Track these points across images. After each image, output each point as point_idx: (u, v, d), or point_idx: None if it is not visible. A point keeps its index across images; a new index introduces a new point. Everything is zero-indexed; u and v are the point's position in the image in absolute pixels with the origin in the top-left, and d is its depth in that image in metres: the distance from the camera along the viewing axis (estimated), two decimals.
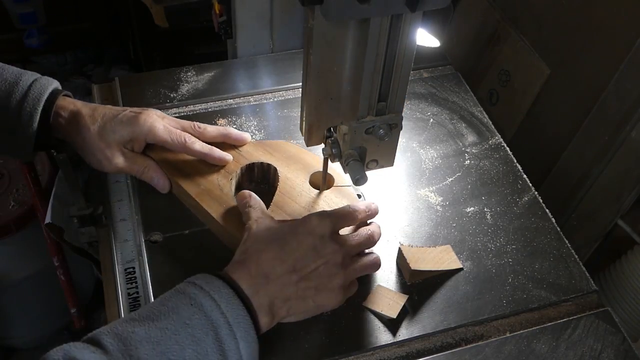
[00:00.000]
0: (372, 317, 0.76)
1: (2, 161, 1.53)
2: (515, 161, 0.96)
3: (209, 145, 0.87)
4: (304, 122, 0.74)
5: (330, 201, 0.84)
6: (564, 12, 0.99)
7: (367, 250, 0.78)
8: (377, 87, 0.68)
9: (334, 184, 0.86)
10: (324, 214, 0.74)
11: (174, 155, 0.87)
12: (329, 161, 0.80)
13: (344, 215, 0.76)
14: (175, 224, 0.84)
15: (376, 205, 0.80)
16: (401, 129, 0.73)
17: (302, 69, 0.70)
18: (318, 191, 0.85)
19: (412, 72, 0.81)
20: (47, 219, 0.99)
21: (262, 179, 0.89)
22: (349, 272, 0.74)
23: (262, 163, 0.88)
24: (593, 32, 0.94)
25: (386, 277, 0.80)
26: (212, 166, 0.87)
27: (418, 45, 0.67)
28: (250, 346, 0.65)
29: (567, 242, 0.86)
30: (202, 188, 0.84)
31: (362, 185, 0.77)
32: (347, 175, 0.75)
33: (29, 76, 0.83)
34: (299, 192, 0.84)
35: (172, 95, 1.01)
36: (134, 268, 0.79)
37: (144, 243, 0.82)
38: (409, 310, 0.77)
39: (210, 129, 0.89)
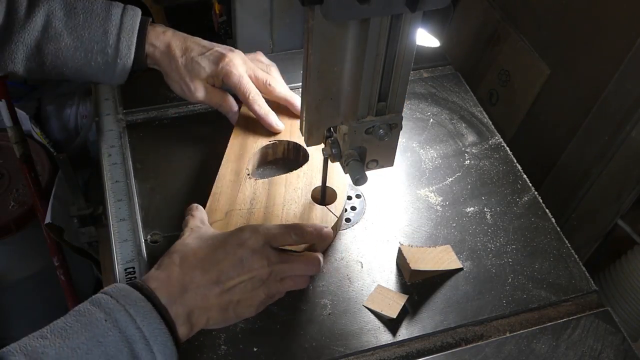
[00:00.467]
0: (372, 317, 0.76)
1: (2, 161, 1.53)
2: (515, 161, 0.96)
3: (268, 109, 0.92)
4: (304, 122, 0.74)
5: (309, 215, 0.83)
6: (564, 12, 0.99)
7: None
8: (377, 87, 0.68)
9: (333, 201, 0.84)
10: (258, 228, 0.72)
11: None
12: (329, 162, 0.80)
13: (282, 234, 0.73)
14: (175, 224, 0.84)
15: (329, 231, 0.77)
16: (401, 129, 0.73)
17: (302, 69, 0.70)
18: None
19: (412, 72, 0.81)
20: (47, 219, 1.00)
21: (291, 156, 0.93)
22: (273, 289, 0.72)
23: (296, 144, 0.92)
24: (593, 32, 0.94)
25: (386, 277, 0.80)
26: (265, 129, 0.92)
27: (418, 45, 0.67)
28: (168, 358, 0.64)
29: (567, 242, 0.86)
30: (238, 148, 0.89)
31: (362, 185, 0.77)
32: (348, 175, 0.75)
33: (116, 8, 0.90)
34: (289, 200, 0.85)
35: (172, 95, 1.01)
36: (134, 268, 0.79)
37: (143, 243, 0.82)
38: (409, 310, 0.77)
39: (279, 89, 0.94)
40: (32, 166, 1.32)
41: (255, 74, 0.94)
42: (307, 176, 0.87)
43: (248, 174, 0.87)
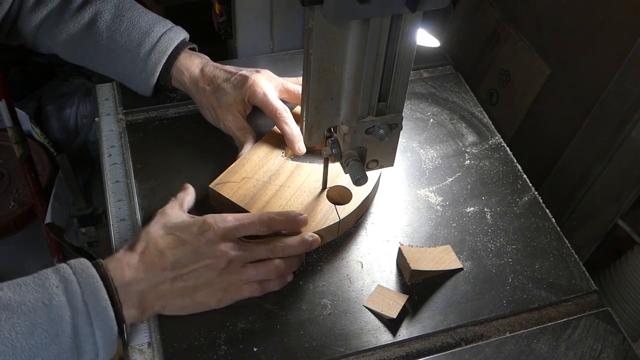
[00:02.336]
0: (372, 317, 0.76)
1: (2, 161, 1.53)
2: (515, 161, 0.96)
3: (297, 130, 0.89)
4: (304, 122, 0.74)
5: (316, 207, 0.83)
6: (564, 12, 0.99)
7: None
8: (377, 87, 0.68)
9: (350, 200, 0.84)
10: (219, 218, 0.75)
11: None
12: (329, 162, 0.80)
13: (245, 225, 0.75)
14: None
15: (304, 218, 0.78)
16: (401, 129, 0.73)
17: (302, 69, 0.70)
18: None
19: (412, 72, 0.81)
20: (47, 219, 1.00)
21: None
22: (232, 278, 0.73)
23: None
24: (593, 32, 0.94)
25: (386, 277, 0.80)
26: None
27: (418, 45, 0.67)
28: (106, 335, 0.67)
29: (567, 242, 0.86)
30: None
31: (362, 186, 0.77)
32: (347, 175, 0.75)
33: (161, 27, 0.96)
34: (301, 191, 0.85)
35: (172, 95, 1.01)
36: None
37: None
38: (409, 310, 0.77)
39: None
40: (32, 166, 1.32)
41: (286, 86, 0.94)
42: (334, 173, 0.86)
43: (283, 154, 0.89)
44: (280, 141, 0.90)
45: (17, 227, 1.44)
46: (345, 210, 0.83)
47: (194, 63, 0.95)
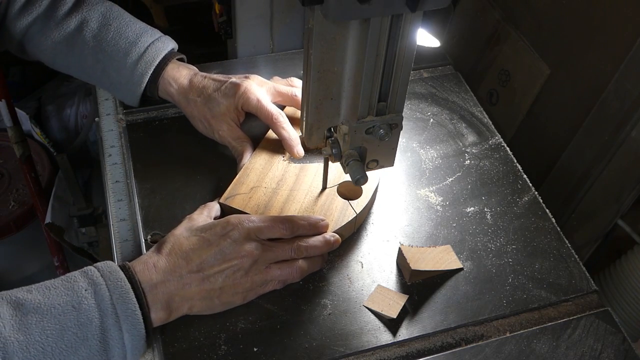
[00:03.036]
0: (372, 317, 0.76)
1: (2, 161, 1.53)
2: (515, 161, 0.96)
3: (294, 134, 0.89)
4: (304, 122, 0.74)
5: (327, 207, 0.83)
6: (564, 12, 0.99)
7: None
8: (377, 87, 0.68)
9: (361, 193, 0.85)
10: (243, 219, 0.75)
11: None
12: (329, 162, 0.80)
13: (269, 227, 0.75)
14: (175, 224, 0.84)
15: (325, 224, 0.79)
16: (401, 129, 0.73)
17: (302, 69, 0.70)
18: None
19: (412, 72, 0.81)
20: (47, 219, 1.00)
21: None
22: (257, 278, 0.74)
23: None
24: (593, 32, 0.94)
25: (386, 277, 0.80)
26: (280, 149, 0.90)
27: (418, 45, 0.67)
28: (135, 339, 0.67)
29: (567, 242, 0.86)
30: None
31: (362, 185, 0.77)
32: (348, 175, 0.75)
33: (148, 37, 0.93)
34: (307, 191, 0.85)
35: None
36: None
37: (143, 243, 0.82)
38: (409, 310, 0.77)
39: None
40: (32, 166, 1.32)
41: (278, 90, 0.93)
42: (340, 169, 0.86)
43: (284, 158, 0.89)
44: (278, 146, 0.90)
45: (17, 227, 1.44)
46: (360, 204, 0.83)
47: (182, 74, 0.93)
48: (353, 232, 0.85)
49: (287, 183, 0.86)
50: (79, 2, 0.94)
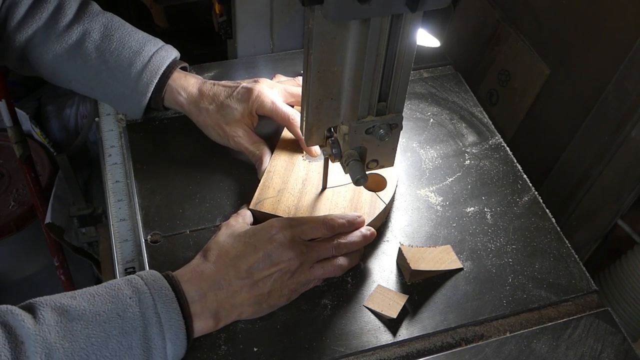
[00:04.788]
0: (372, 317, 0.76)
1: (2, 161, 1.53)
2: (515, 161, 0.96)
3: None
4: (304, 122, 0.74)
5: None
6: (564, 12, 0.99)
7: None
8: (377, 87, 0.68)
9: (385, 186, 0.86)
10: (285, 222, 0.75)
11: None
12: (330, 161, 0.80)
13: (311, 228, 0.76)
14: (175, 224, 0.84)
15: (362, 220, 0.80)
16: (401, 129, 0.73)
17: (302, 69, 0.70)
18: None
19: (412, 72, 0.81)
20: (47, 219, 1.00)
21: None
22: (302, 278, 0.75)
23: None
24: (593, 32, 0.94)
25: (386, 277, 0.80)
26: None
27: (418, 45, 0.67)
28: (177, 348, 0.67)
29: (567, 242, 0.86)
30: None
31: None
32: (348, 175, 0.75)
33: (152, 46, 0.92)
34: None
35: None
36: (134, 268, 0.79)
37: (144, 243, 0.82)
38: (409, 310, 0.77)
39: None
40: (32, 166, 1.31)
41: (289, 90, 0.93)
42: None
43: (303, 157, 0.89)
44: (294, 146, 0.91)
45: (17, 227, 1.44)
46: (387, 194, 0.85)
47: (190, 83, 0.93)
48: (383, 222, 0.86)
49: (312, 182, 0.86)
50: (80, 14, 0.92)
